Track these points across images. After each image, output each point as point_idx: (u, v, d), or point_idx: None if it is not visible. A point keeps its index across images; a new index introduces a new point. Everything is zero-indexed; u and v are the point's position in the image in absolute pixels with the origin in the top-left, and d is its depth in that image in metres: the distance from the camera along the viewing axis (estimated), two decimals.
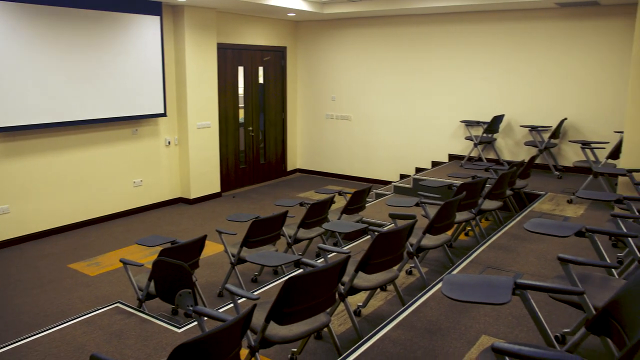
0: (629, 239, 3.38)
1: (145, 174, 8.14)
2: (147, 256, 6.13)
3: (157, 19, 7.66)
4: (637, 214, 4.05)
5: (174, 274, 3.54)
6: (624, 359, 1.69)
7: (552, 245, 4.97)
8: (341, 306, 4.02)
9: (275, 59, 10.33)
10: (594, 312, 2.48)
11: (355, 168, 10.35)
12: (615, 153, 6.59)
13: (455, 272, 4.36)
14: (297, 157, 11.17)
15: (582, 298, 2.53)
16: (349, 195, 5.79)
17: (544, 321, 2.44)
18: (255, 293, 4.24)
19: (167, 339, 3.50)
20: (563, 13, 7.86)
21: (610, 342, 2.50)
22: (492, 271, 4.38)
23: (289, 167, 11.03)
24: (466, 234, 6.04)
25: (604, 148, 7.24)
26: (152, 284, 3.90)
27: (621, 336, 2.01)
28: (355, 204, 5.73)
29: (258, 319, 2.97)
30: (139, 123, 7.92)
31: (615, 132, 7.52)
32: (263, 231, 4.70)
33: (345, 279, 3.56)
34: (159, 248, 4.23)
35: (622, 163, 5.70)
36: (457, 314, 3.60)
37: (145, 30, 7.55)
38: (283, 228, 5.04)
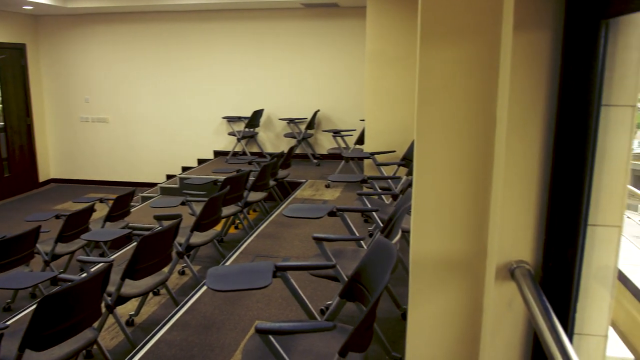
0: (373, 213, 3.81)
1: None
2: None
3: None
4: (379, 191, 4.59)
5: None
6: (368, 315, 1.91)
7: (314, 228, 5.36)
8: (111, 318, 3.79)
9: (12, 58, 9.19)
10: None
11: (117, 172, 9.80)
12: (361, 139, 7.37)
13: (227, 264, 4.43)
14: (50, 165, 10.14)
15: (336, 270, 2.78)
16: (111, 202, 5.47)
17: (304, 297, 2.62)
18: (9, 322, 3.77)
19: None
20: (308, 13, 8.48)
21: (363, 305, 2.80)
22: (262, 259, 4.57)
23: (42, 178, 9.96)
24: (236, 227, 6.18)
25: (351, 135, 8.02)
26: None
27: (367, 297, 2.27)
28: (119, 210, 5.44)
29: (11, 350, 2.64)
30: None
31: (360, 120, 8.38)
32: (11, 252, 4.18)
33: (112, 288, 3.36)
34: None
35: (366, 147, 6.40)
36: (230, 306, 3.67)
37: None
38: (37, 245, 4.55)
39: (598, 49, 1.44)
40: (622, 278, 4.97)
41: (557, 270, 1.56)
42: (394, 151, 6.05)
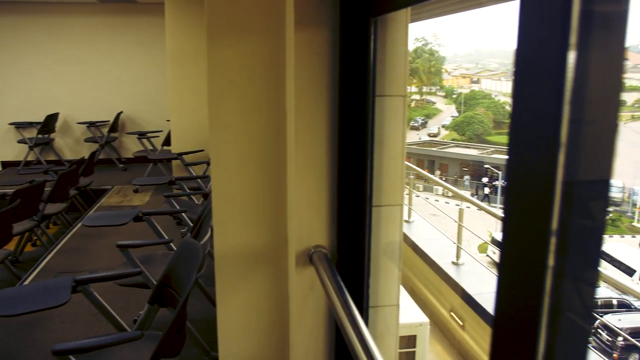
0: (183, 214, 3.73)
1: None
2: None
3: None
4: (188, 191, 4.50)
5: None
6: (177, 319, 1.87)
7: (124, 236, 5.06)
8: None
9: None
10: None
11: None
12: (168, 140, 7.15)
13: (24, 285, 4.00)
14: None
15: (144, 276, 2.67)
16: None
17: (111, 310, 2.48)
18: None
19: None
20: (105, 9, 7.95)
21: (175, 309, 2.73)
22: (65, 275, 4.20)
23: None
24: (33, 244, 5.59)
25: (158, 136, 7.74)
26: None
27: (177, 301, 2.22)
28: None
29: None
30: None
31: (167, 120, 8.13)
32: None
33: None
34: None
35: (174, 148, 6.24)
36: (28, 331, 3.32)
37: None
38: None
39: (369, 45, 1.58)
40: (420, 252, 5.53)
41: (350, 251, 1.68)
42: (202, 150, 5.98)
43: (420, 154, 33.69)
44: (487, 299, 4.47)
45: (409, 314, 3.42)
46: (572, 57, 0.59)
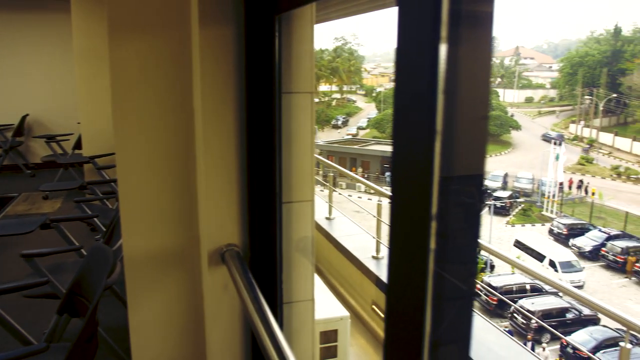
0: (95, 219, 3.59)
1: None
2: None
3: None
4: (100, 195, 4.34)
5: None
6: (86, 327, 1.80)
7: (32, 246, 4.76)
8: None
9: None
10: None
11: None
12: (79, 143, 6.83)
13: None
14: None
15: (54, 286, 2.55)
16: None
17: (16, 324, 2.35)
18: None
19: None
20: (7, 4, 7.45)
21: None
22: None
23: None
24: None
25: (68, 140, 7.37)
26: None
27: (88, 309, 2.13)
28: None
29: None
30: None
31: (77, 123, 7.76)
32: None
33: None
34: None
35: (85, 151, 5.98)
36: None
37: None
38: None
39: (274, 41, 1.58)
40: (341, 248, 5.61)
41: (262, 248, 1.68)
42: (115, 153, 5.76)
43: (342, 152, 34.14)
44: None
45: (330, 308, 3.47)
46: (443, 49, 0.62)
